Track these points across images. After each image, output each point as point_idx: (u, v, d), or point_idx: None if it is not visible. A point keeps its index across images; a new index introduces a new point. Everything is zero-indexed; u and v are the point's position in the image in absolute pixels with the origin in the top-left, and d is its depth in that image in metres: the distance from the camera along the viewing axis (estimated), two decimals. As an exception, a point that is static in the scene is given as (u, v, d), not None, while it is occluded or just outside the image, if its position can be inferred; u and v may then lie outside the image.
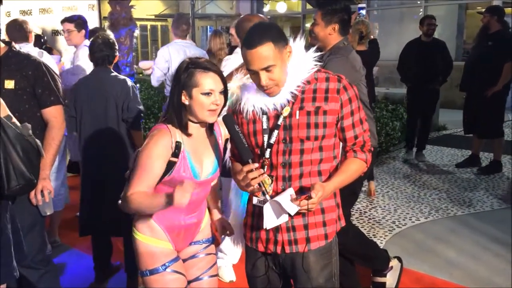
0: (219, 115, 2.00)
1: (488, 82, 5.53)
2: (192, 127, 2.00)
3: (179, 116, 1.96)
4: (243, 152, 1.86)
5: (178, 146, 1.95)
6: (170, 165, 1.95)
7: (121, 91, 3.17)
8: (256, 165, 1.84)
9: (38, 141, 2.30)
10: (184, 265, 2.17)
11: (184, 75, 1.94)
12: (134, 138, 3.23)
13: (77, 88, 3.32)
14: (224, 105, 2.00)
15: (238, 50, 3.51)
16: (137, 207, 1.94)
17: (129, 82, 3.27)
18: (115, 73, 3.31)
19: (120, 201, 2.21)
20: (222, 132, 2.15)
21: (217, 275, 2.31)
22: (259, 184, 1.84)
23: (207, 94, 1.92)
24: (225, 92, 1.98)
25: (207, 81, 1.92)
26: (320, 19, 2.92)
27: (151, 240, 2.07)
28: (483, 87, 5.56)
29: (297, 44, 1.96)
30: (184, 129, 1.97)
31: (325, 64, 2.81)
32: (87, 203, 3.30)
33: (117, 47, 3.36)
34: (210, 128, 2.11)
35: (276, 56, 1.83)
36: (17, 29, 4.03)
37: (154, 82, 4.83)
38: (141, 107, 3.25)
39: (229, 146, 2.17)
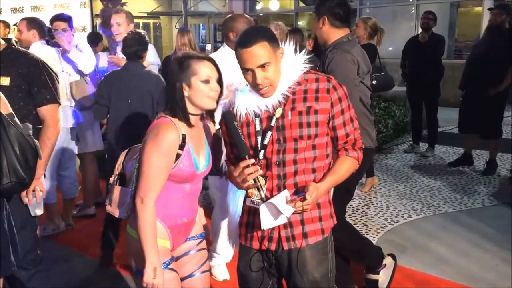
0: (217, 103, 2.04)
1: (495, 80, 5.38)
2: (192, 120, 2.03)
3: (184, 109, 1.99)
4: (240, 148, 1.90)
5: (183, 138, 1.99)
6: (175, 158, 1.97)
7: (156, 86, 3.39)
8: (253, 160, 1.88)
9: (37, 142, 2.28)
10: (178, 262, 2.16)
11: (181, 67, 1.98)
12: None
13: (108, 80, 3.50)
14: (221, 94, 2.04)
15: (222, 51, 3.43)
16: (140, 222, 1.95)
17: (162, 79, 3.49)
18: (147, 68, 3.52)
19: (107, 205, 2.19)
20: (211, 128, 2.18)
21: (208, 270, 2.32)
22: (254, 180, 1.88)
23: (206, 81, 1.97)
24: (220, 81, 2.02)
25: (204, 68, 1.98)
26: (314, 16, 2.95)
27: None
28: (488, 85, 5.40)
29: (287, 47, 2.01)
30: (187, 121, 2.01)
31: (326, 59, 2.79)
32: None
33: (148, 43, 3.51)
34: (202, 122, 2.14)
35: (271, 55, 1.87)
36: None
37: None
38: None
39: (224, 150, 2.18)
